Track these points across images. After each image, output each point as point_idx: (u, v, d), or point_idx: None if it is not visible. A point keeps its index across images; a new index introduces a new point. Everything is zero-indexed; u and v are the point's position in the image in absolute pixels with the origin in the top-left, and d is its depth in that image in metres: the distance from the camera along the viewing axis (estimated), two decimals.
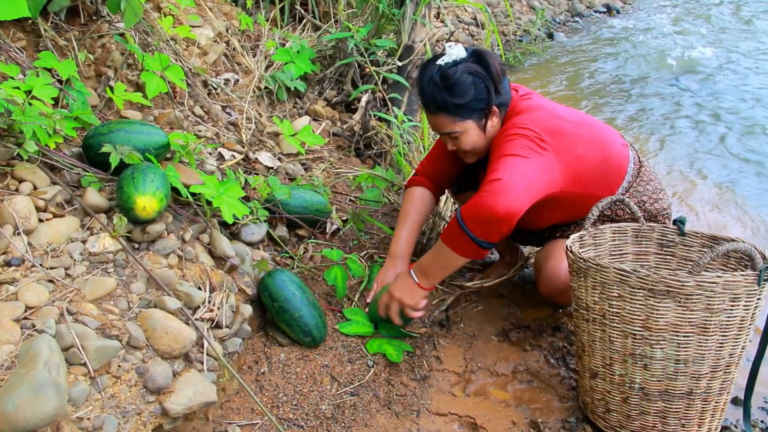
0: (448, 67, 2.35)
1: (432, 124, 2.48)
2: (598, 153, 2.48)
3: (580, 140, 2.43)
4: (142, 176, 2.11)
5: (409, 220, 2.72)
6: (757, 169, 4.64)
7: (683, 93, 6.25)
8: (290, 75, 3.72)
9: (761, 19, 9.34)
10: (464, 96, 2.35)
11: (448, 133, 2.44)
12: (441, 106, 2.37)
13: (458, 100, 2.35)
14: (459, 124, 2.40)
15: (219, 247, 2.34)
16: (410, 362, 2.48)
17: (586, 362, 2.23)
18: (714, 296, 1.94)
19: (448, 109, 2.37)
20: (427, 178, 2.79)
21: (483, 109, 2.39)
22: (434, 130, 2.51)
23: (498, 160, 2.27)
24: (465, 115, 2.38)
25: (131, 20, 2.58)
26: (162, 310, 1.96)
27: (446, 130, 2.43)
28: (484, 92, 2.36)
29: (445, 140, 2.51)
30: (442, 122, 2.42)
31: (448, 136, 2.46)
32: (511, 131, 2.35)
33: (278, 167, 3.20)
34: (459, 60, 2.36)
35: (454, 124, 2.40)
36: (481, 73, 2.35)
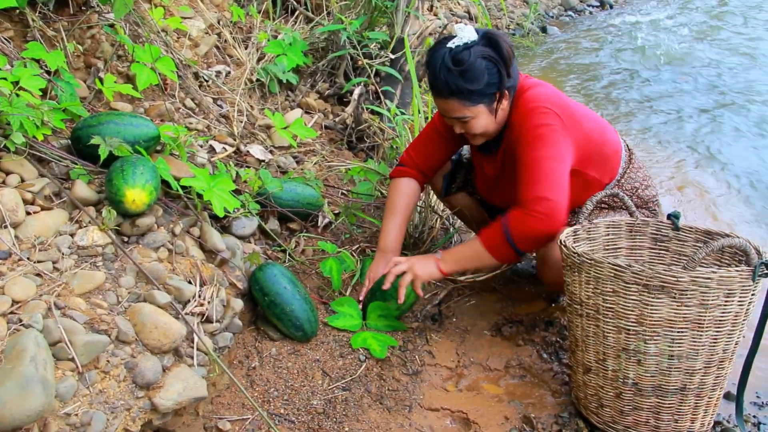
0: (460, 50, 2.29)
1: (441, 108, 2.42)
2: (599, 134, 2.54)
3: (584, 118, 2.48)
4: (132, 169, 2.09)
5: (398, 214, 2.70)
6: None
7: (676, 87, 6.24)
8: (282, 67, 3.69)
9: (755, 13, 9.35)
10: (478, 81, 2.29)
11: (459, 118, 2.39)
12: (453, 92, 2.31)
13: (472, 85, 2.29)
14: (470, 109, 2.35)
15: (209, 240, 2.31)
16: (402, 357, 2.46)
17: (579, 357, 2.21)
18: (708, 292, 1.93)
19: (460, 95, 2.32)
20: (413, 168, 2.76)
21: (495, 93, 2.35)
22: (443, 114, 2.45)
23: (535, 165, 2.31)
24: (477, 100, 2.33)
25: (121, 11, 2.55)
26: (151, 305, 1.94)
27: (457, 114, 2.38)
28: (497, 76, 2.32)
29: (452, 123, 2.46)
30: (453, 107, 2.36)
31: (457, 121, 2.41)
32: (535, 119, 2.34)
33: (270, 160, 3.18)
34: (470, 43, 2.29)
35: (466, 109, 2.35)
36: (493, 57, 2.30)
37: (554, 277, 2.55)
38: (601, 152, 2.56)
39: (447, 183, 2.89)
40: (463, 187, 2.91)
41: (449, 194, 2.92)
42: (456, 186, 2.91)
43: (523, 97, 2.42)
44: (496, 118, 2.41)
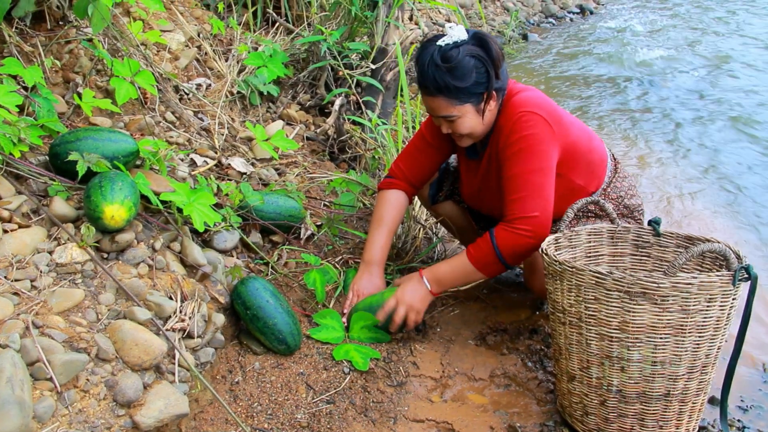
0: (449, 48, 2.29)
1: (428, 106, 2.41)
2: (586, 141, 2.56)
3: (572, 125, 2.50)
4: (110, 184, 2.07)
5: (384, 226, 2.69)
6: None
7: (653, 92, 6.28)
8: (263, 79, 3.68)
9: (731, 19, 9.44)
10: (466, 79, 2.29)
11: (445, 117, 2.38)
12: (441, 89, 2.31)
13: (459, 83, 2.29)
14: (457, 107, 2.34)
15: (190, 255, 2.30)
16: (386, 368, 2.45)
17: (563, 365, 2.21)
18: (690, 297, 1.93)
19: (448, 92, 2.31)
20: (402, 179, 2.75)
21: (482, 93, 2.34)
22: (430, 113, 2.45)
23: (522, 179, 2.35)
24: (464, 98, 2.33)
25: (99, 25, 2.54)
26: (132, 321, 1.92)
27: (443, 113, 2.37)
28: (485, 76, 2.32)
29: (439, 123, 2.45)
30: (440, 105, 2.36)
31: (444, 120, 2.40)
32: (522, 127, 2.35)
33: (251, 173, 3.17)
34: (460, 42, 2.30)
35: (453, 107, 2.34)
36: (482, 56, 2.31)
37: (543, 284, 2.55)
38: (588, 160, 2.57)
39: (434, 191, 2.89)
40: (450, 196, 2.91)
41: (436, 203, 2.92)
42: (443, 194, 2.91)
43: (511, 101, 2.42)
44: (483, 120, 2.41)
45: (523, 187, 2.35)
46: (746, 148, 4.99)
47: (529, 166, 2.35)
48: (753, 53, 7.64)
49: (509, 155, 2.38)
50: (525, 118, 2.36)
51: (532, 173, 2.35)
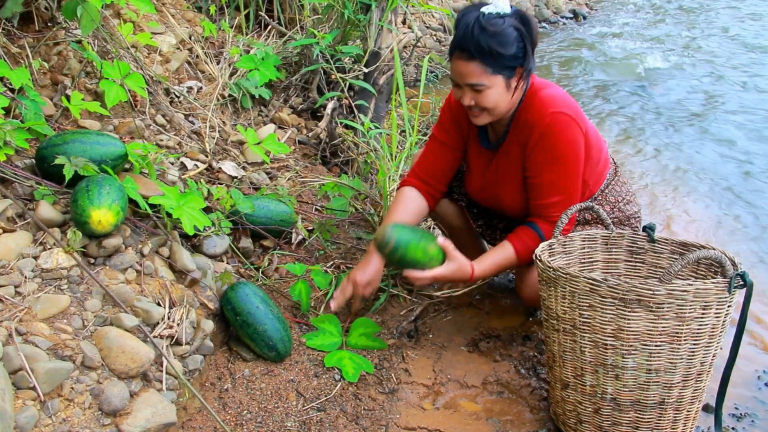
0: (493, 17, 2.26)
1: (458, 71, 2.32)
2: (597, 141, 2.56)
3: (590, 124, 2.51)
4: (98, 188, 2.04)
5: (389, 219, 2.64)
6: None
7: (647, 98, 6.28)
8: (254, 82, 3.65)
9: (724, 23, 9.46)
10: (507, 48, 2.25)
11: (474, 85, 2.31)
12: (481, 51, 2.25)
13: (501, 49, 2.24)
14: (489, 77, 2.29)
15: (179, 260, 2.26)
16: (378, 375, 2.42)
17: (557, 373, 2.19)
18: (685, 304, 1.91)
19: (486, 57, 2.25)
20: (414, 177, 2.71)
21: (515, 68, 2.31)
22: (458, 79, 2.35)
23: (563, 183, 2.40)
24: (498, 68, 2.28)
25: (88, 27, 2.50)
26: (118, 328, 1.89)
27: (474, 80, 2.30)
28: (522, 51, 2.29)
29: (461, 94, 2.37)
30: (473, 71, 2.29)
31: (470, 89, 2.33)
32: (562, 131, 2.36)
33: (242, 176, 3.14)
34: (503, 13, 2.27)
35: (485, 75, 2.29)
36: (523, 32, 2.28)
37: (530, 292, 2.53)
38: (597, 159, 2.57)
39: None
40: (448, 194, 2.87)
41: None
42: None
43: (537, 96, 2.40)
44: (510, 98, 2.37)
45: (563, 191, 2.41)
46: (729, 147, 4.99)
47: (565, 170, 2.39)
48: (745, 57, 7.65)
49: (546, 158, 2.38)
50: (558, 120, 2.35)
51: (568, 177, 2.41)
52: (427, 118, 4.68)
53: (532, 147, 2.40)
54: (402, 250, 2.39)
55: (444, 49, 6.77)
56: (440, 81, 5.93)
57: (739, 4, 10.86)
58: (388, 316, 2.72)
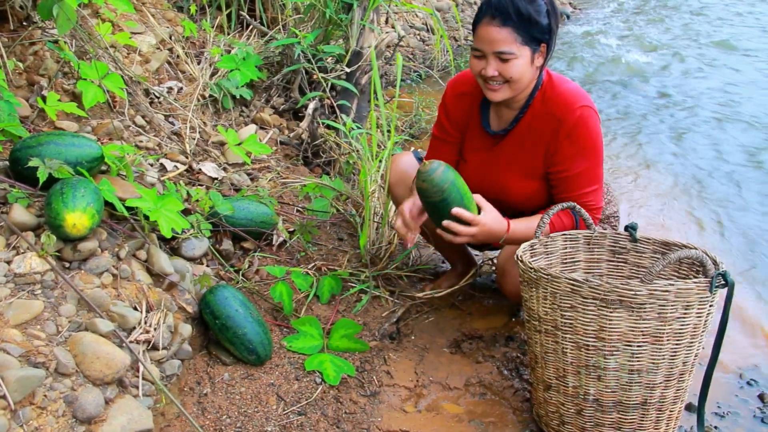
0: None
1: (488, 38, 2.25)
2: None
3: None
4: (72, 191, 2.00)
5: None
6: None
7: (631, 96, 6.29)
8: (235, 83, 3.62)
9: (703, 23, 9.50)
10: (541, 17, 2.24)
11: (503, 52, 2.25)
12: (519, 16, 2.21)
13: (537, 16, 2.23)
14: (519, 46, 2.25)
15: (157, 263, 2.23)
16: (360, 378, 2.40)
17: (539, 374, 2.17)
18: (667, 305, 1.90)
19: (521, 23, 2.22)
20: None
21: (542, 42, 2.29)
22: (485, 47, 2.27)
23: (593, 173, 2.42)
24: (527, 39, 2.25)
25: (65, 27, 2.46)
26: (93, 334, 1.86)
27: (504, 47, 2.25)
28: (548, 28, 2.28)
29: (483, 65, 2.30)
30: (505, 38, 2.24)
31: (497, 57, 2.27)
32: (591, 124, 2.37)
33: (223, 178, 3.10)
34: None
35: (515, 44, 2.24)
36: (551, 9, 2.28)
37: (514, 287, 2.50)
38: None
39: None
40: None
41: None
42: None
43: (561, 89, 2.39)
44: (532, 75, 2.34)
45: (595, 180, 2.44)
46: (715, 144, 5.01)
47: (596, 161, 2.42)
48: (728, 57, 7.68)
49: (578, 151, 2.38)
50: (588, 114, 2.36)
51: (599, 167, 2.44)
52: (411, 118, 4.66)
53: (561, 140, 2.38)
54: (451, 186, 2.27)
55: (428, 48, 6.76)
56: (423, 81, 5.92)
57: (722, 3, 10.92)
58: (370, 317, 2.70)
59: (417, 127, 4.67)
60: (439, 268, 3.11)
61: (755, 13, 10.13)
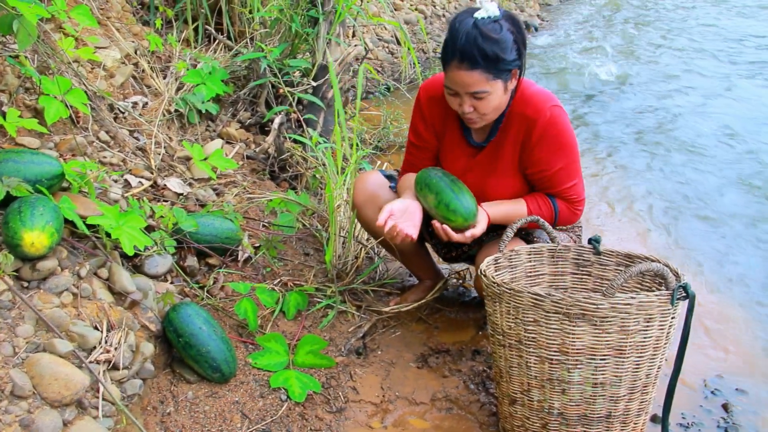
0: (489, 22, 2.23)
1: (460, 81, 2.27)
2: None
3: None
4: (30, 210, 1.98)
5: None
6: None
7: (596, 107, 6.35)
8: (201, 97, 3.60)
9: (672, 36, 9.63)
10: (507, 53, 2.24)
11: (477, 93, 2.27)
12: (486, 59, 2.22)
13: (503, 54, 2.23)
14: (491, 83, 2.26)
15: (118, 282, 2.21)
16: (326, 394, 2.38)
17: (504, 388, 2.18)
18: (629, 317, 1.92)
19: (489, 64, 2.23)
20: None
21: (512, 70, 2.30)
22: (458, 89, 2.30)
23: (572, 168, 2.47)
24: (498, 73, 2.26)
25: (25, 42, 2.43)
26: (51, 354, 1.83)
27: (477, 88, 2.26)
28: (517, 53, 2.29)
29: (458, 102, 2.33)
30: (476, 80, 2.25)
31: (471, 97, 2.29)
32: (562, 123, 2.41)
33: (188, 193, 3.08)
34: (495, 17, 2.25)
35: (487, 82, 2.25)
36: (517, 35, 2.28)
37: None
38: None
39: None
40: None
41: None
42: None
43: (529, 92, 2.41)
44: (506, 97, 2.36)
45: (574, 175, 2.49)
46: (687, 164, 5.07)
47: (573, 156, 2.47)
48: (695, 63, 7.79)
49: (553, 149, 2.41)
50: (558, 113, 2.40)
51: (575, 162, 2.49)
52: (379, 131, 4.67)
53: (535, 141, 2.40)
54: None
55: (397, 61, 6.77)
56: (391, 93, 5.93)
57: (690, 14, 11.08)
58: (336, 333, 2.69)
59: (385, 140, 4.67)
60: (406, 282, 3.11)
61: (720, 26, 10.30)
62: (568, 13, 11.63)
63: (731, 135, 5.54)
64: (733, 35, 9.36)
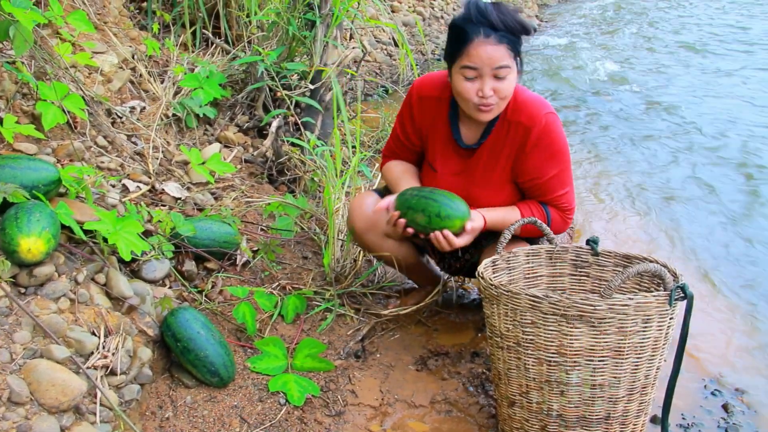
0: (500, 4, 2.25)
1: (487, 56, 2.20)
2: None
3: None
4: (27, 216, 1.98)
5: (408, 175, 2.65)
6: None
7: (594, 108, 6.35)
8: (198, 101, 3.60)
9: (665, 36, 9.64)
10: (523, 29, 2.24)
11: (501, 67, 2.22)
12: (511, 31, 2.21)
13: (526, 27, 2.24)
14: (512, 61, 2.24)
15: (116, 287, 2.20)
16: (324, 398, 2.38)
17: (503, 390, 2.17)
18: (626, 318, 1.91)
19: (512, 39, 2.22)
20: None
21: (518, 54, 2.29)
22: (484, 65, 2.21)
23: (565, 176, 2.46)
24: (515, 52, 2.25)
25: (22, 48, 2.43)
26: (49, 360, 1.83)
27: (503, 62, 2.21)
28: (520, 43, 2.30)
29: (478, 86, 2.26)
30: (502, 53, 2.21)
31: (494, 75, 2.23)
32: (557, 131, 2.40)
33: (186, 197, 3.08)
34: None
35: (510, 59, 2.23)
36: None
37: None
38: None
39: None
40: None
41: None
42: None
43: (523, 98, 2.40)
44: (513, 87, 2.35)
45: (566, 183, 2.48)
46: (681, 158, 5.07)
47: (565, 164, 2.46)
48: (695, 65, 7.80)
49: (547, 157, 2.40)
50: (552, 120, 2.39)
51: (568, 170, 2.48)
52: (377, 133, 4.67)
53: (530, 149, 2.38)
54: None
55: (395, 63, 6.78)
56: (390, 95, 5.93)
57: (689, 13, 11.09)
58: (335, 336, 2.69)
59: (383, 142, 4.67)
60: (405, 284, 3.10)
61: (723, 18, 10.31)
62: (567, 13, 11.65)
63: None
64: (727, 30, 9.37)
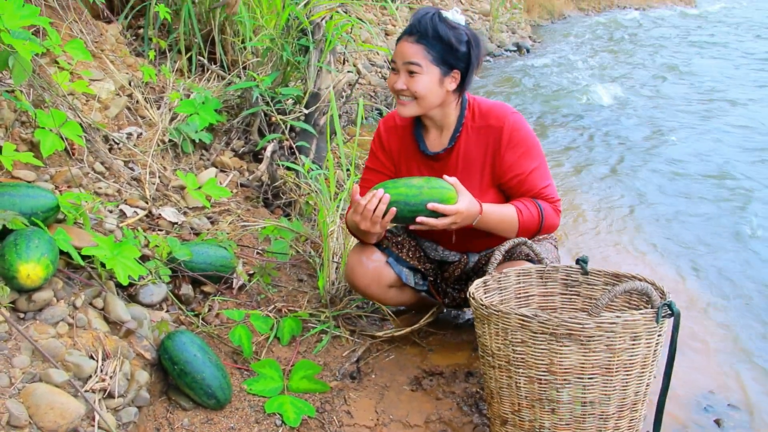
0: (449, 19, 2.37)
1: (401, 51, 2.38)
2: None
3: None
4: (26, 242, 2.02)
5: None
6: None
7: (586, 128, 6.41)
8: (194, 127, 3.65)
9: (661, 56, 9.73)
10: (454, 44, 2.34)
11: (412, 63, 2.36)
12: (435, 37, 2.33)
13: (450, 40, 2.33)
14: (428, 63, 2.35)
15: (113, 311, 2.24)
16: (320, 419, 2.41)
17: (495, 409, 2.20)
18: (615, 336, 1.95)
19: (434, 43, 2.34)
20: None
21: (454, 69, 2.39)
22: (398, 60, 2.40)
23: (543, 170, 2.52)
24: (439, 60, 2.36)
25: (20, 77, 2.48)
26: (47, 384, 1.86)
27: (413, 59, 2.35)
28: (466, 58, 2.39)
29: (395, 79, 2.42)
30: (416, 51, 2.35)
31: (406, 70, 2.38)
32: (525, 129, 2.50)
33: (183, 222, 3.12)
34: (457, 24, 2.38)
35: (425, 59, 2.35)
36: (473, 45, 2.39)
37: None
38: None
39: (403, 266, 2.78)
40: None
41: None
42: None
43: (486, 104, 2.53)
44: (439, 94, 2.42)
45: (546, 176, 2.54)
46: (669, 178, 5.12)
47: (540, 159, 2.53)
48: (684, 86, 7.87)
49: (522, 153, 2.49)
50: (519, 118, 2.51)
51: (543, 164, 2.55)
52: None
53: (505, 147, 2.48)
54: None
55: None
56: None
57: (681, 34, 11.20)
58: (330, 357, 2.71)
59: None
60: (400, 307, 3.13)
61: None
62: (559, 33, 11.75)
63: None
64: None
